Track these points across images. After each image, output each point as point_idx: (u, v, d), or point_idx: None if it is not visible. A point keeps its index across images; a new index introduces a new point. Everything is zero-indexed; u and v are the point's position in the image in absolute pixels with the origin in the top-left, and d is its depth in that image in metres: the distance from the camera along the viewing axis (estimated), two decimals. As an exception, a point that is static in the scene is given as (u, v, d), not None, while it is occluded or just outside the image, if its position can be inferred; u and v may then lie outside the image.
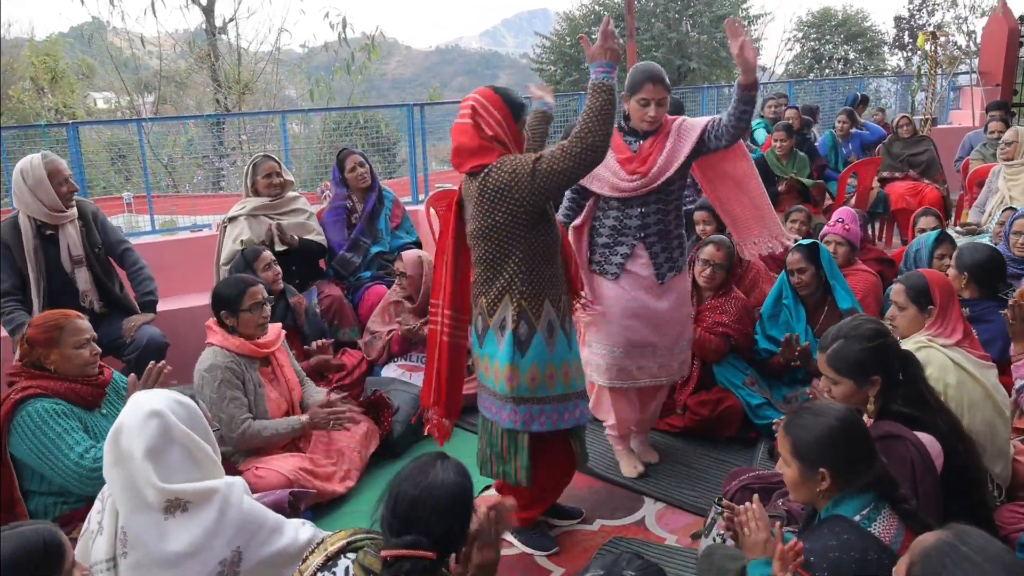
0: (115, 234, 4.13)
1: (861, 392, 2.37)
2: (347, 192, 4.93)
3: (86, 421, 2.78)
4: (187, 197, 8.03)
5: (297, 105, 18.45)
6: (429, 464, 1.93)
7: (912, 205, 6.90)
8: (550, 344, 2.67)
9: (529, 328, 2.63)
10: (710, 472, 3.50)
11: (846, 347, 2.38)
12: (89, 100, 25.14)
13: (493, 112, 2.60)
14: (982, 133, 7.14)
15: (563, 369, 2.71)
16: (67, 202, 3.85)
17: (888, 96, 15.64)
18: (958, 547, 1.45)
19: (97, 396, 2.86)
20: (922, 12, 21.54)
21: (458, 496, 1.88)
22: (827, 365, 2.42)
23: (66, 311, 2.87)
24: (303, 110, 8.88)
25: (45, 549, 1.65)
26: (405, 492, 1.87)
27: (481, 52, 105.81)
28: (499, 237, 2.60)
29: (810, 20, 24.72)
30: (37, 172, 3.74)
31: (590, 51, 2.56)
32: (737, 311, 3.77)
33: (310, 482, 3.22)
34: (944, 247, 4.12)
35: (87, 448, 2.67)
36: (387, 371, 4.36)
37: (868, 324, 2.42)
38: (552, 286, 2.69)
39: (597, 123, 2.47)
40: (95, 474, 2.63)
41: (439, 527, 1.83)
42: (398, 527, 1.85)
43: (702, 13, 22.37)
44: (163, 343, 3.93)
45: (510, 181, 2.51)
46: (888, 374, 2.36)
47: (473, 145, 2.60)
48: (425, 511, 1.83)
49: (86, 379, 2.82)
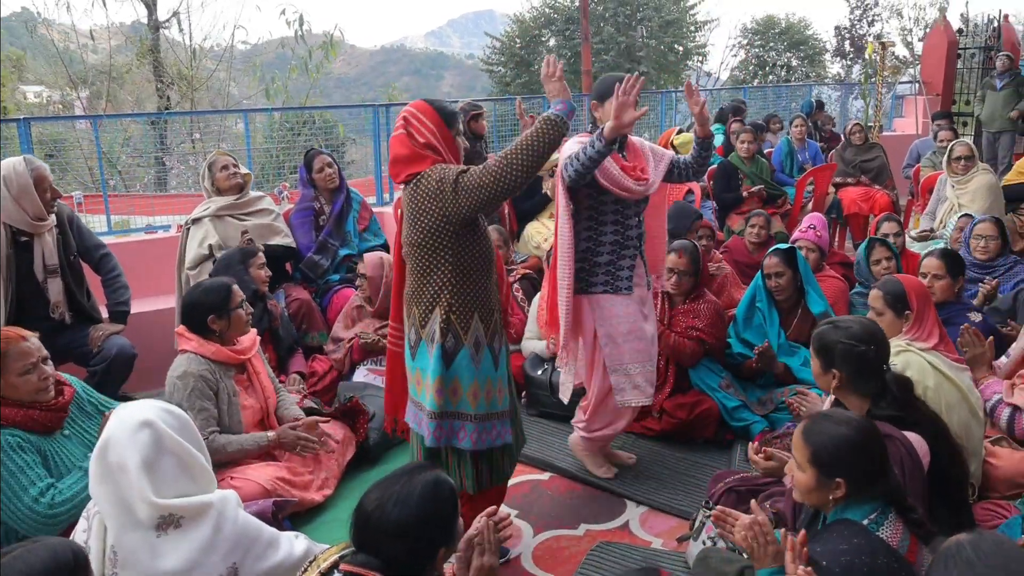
0: (92, 239, 3.95)
1: (825, 376, 2.50)
2: (315, 193, 4.83)
3: (45, 449, 2.59)
4: (141, 197, 7.77)
5: (241, 103, 18.06)
6: (396, 479, 1.85)
7: (864, 210, 7.12)
8: (475, 360, 2.62)
9: (456, 342, 2.60)
10: (690, 474, 3.52)
11: (829, 332, 2.49)
12: (19, 94, 24.14)
13: (425, 122, 2.61)
14: (930, 141, 7.39)
15: (486, 387, 2.65)
16: (50, 209, 3.65)
17: (829, 103, 16.07)
18: (964, 549, 1.49)
19: (56, 420, 2.66)
20: (862, 22, 22.22)
21: (417, 517, 1.77)
22: (811, 340, 2.57)
23: (9, 331, 2.62)
24: (267, 109, 8.70)
25: (75, 562, 1.57)
26: (363, 507, 1.81)
27: (427, 52, 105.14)
28: (428, 246, 2.57)
29: (754, 27, 25.24)
30: (22, 180, 3.49)
31: (551, 89, 2.63)
32: (710, 315, 3.81)
33: (288, 491, 3.14)
34: (877, 251, 4.33)
35: (44, 489, 2.48)
36: (358, 375, 4.28)
37: (860, 326, 2.48)
38: (482, 302, 2.64)
39: (532, 153, 2.44)
40: (51, 519, 2.47)
41: (390, 548, 1.76)
42: (357, 542, 1.80)
43: (651, 18, 22.65)
44: (132, 354, 3.78)
45: (436, 189, 2.50)
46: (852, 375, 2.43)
47: (407, 153, 2.60)
48: (377, 531, 1.77)
49: (44, 404, 2.61)
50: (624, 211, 3.20)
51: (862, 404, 2.46)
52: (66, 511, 2.50)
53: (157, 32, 16.94)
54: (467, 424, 2.64)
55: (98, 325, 3.83)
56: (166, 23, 17.98)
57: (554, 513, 3.28)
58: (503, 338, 2.75)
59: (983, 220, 4.31)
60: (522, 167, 2.43)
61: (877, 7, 22.42)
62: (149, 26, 17.59)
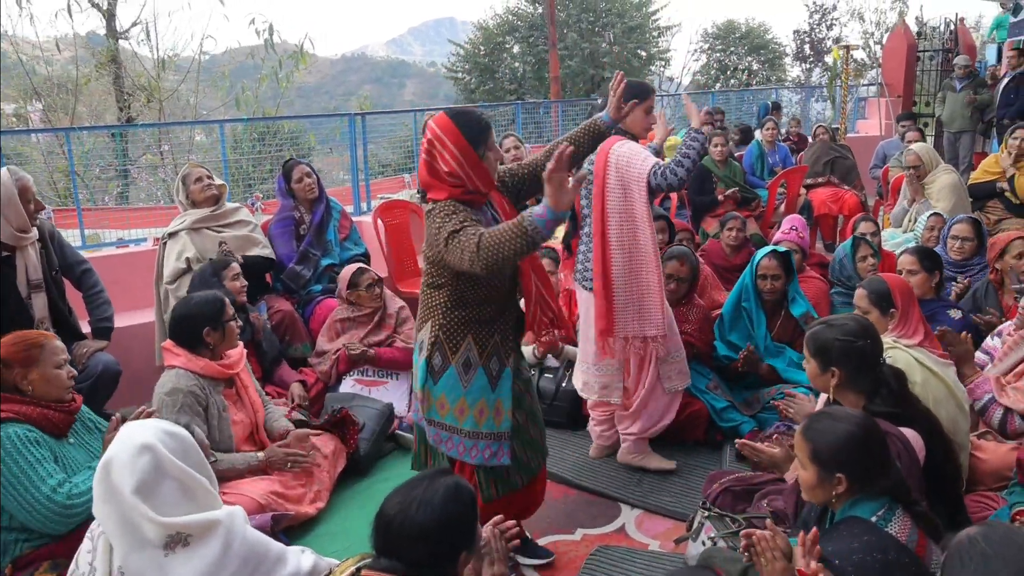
0: (73, 254, 3.87)
1: (824, 376, 2.53)
2: (294, 203, 4.78)
3: (56, 451, 2.61)
4: (111, 210, 7.62)
5: (203, 114, 17.80)
6: (417, 483, 1.85)
7: (833, 211, 7.24)
8: (463, 380, 2.60)
9: (443, 361, 2.59)
10: (681, 476, 3.55)
11: (824, 331, 2.53)
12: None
13: (449, 146, 2.46)
14: (896, 141, 7.55)
15: (477, 407, 2.62)
16: (33, 221, 3.56)
17: (790, 106, 16.34)
18: (978, 543, 1.50)
19: (67, 424, 2.70)
20: (821, 26, 22.67)
21: (440, 520, 1.77)
22: (806, 341, 2.60)
23: (39, 331, 2.73)
24: (243, 120, 8.59)
25: None
26: (385, 511, 1.81)
27: (388, 60, 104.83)
28: (432, 268, 2.59)
29: (715, 32, 25.56)
30: (7, 190, 3.39)
31: (551, 191, 2.25)
32: (699, 319, 3.85)
33: (283, 505, 3.10)
34: (862, 249, 4.44)
35: (60, 481, 2.50)
36: (345, 386, 4.25)
37: (855, 322, 2.52)
38: (480, 326, 2.60)
39: (499, 255, 2.27)
40: (68, 511, 2.48)
41: (414, 552, 1.76)
42: (379, 547, 1.80)
43: (614, 24, 22.82)
44: (117, 371, 3.71)
45: (435, 233, 2.45)
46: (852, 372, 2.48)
47: (426, 180, 2.57)
48: (400, 535, 1.77)
49: (59, 405, 2.67)
50: None
51: (858, 401, 2.50)
52: (82, 503, 2.51)
53: (116, 42, 16.60)
54: (454, 436, 2.64)
55: (82, 342, 3.74)
56: (125, 33, 17.65)
57: (550, 518, 3.28)
58: (508, 360, 2.66)
59: (960, 221, 4.40)
60: (488, 263, 2.29)
61: (835, 11, 22.91)
62: (108, 36, 17.24)
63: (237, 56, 16.60)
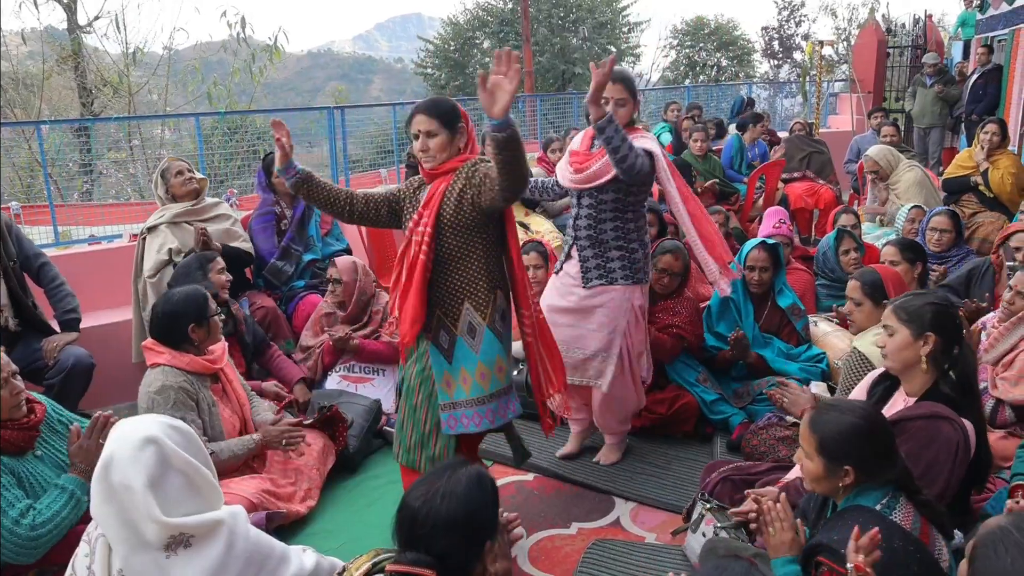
0: (31, 247, 3.76)
1: (914, 346, 2.34)
2: (275, 197, 4.70)
3: (18, 471, 2.45)
4: (81, 207, 7.44)
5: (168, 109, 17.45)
6: (439, 475, 1.83)
7: (809, 205, 7.31)
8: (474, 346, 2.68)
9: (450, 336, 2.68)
10: (673, 468, 3.55)
11: (912, 300, 2.43)
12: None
13: None
14: (870, 136, 7.63)
15: (497, 364, 2.72)
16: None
17: (759, 102, 16.50)
18: (1011, 533, 1.48)
19: (29, 439, 2.52)
20: (790, 23, 22.90)
21: (465, 510, 1.77)
22: (890, 313, 2.43)
23: None
24: (219, 112, 8.41)
25: None
26: (408, 504, 1.79)
27: (355, 56, 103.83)
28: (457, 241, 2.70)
29: (684, 28, 25.67)
30: None
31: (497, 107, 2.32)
32: (689, 312, 3.84)
33: (274, 504, 3.04)
34: (845, 242, 4.50)
35: (23, 511, 2.35)
36: (330, 383, 4.19)
37: (934, 292, 2.50)
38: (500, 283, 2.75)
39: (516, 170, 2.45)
40: (33, 543, 2.34)
41: (441, 543, 1.74)
42: (403, 541, 1.77)
43: (585, 20, 22.86)
44: (90, 364, 3.61)
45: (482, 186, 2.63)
46: (944, 340, 2.32)
47: None
48: (426, 527, 1.74)
49: (14, 423, 2.47)
50: (579, 195, 3.31)
51: (929, 379, 2.37)
52: (47, 532, 2.38)
53: (76, 36, 16.19)
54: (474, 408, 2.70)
55: (51, 337, 3.64)
56: (87, 27, 17.23)
57: (544, 513, 3.26)
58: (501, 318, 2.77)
59: (938, 213, 4.47)
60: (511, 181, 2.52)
61: (804, 8, 23.14)
62: (71, 29, 16.82)
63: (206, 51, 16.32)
